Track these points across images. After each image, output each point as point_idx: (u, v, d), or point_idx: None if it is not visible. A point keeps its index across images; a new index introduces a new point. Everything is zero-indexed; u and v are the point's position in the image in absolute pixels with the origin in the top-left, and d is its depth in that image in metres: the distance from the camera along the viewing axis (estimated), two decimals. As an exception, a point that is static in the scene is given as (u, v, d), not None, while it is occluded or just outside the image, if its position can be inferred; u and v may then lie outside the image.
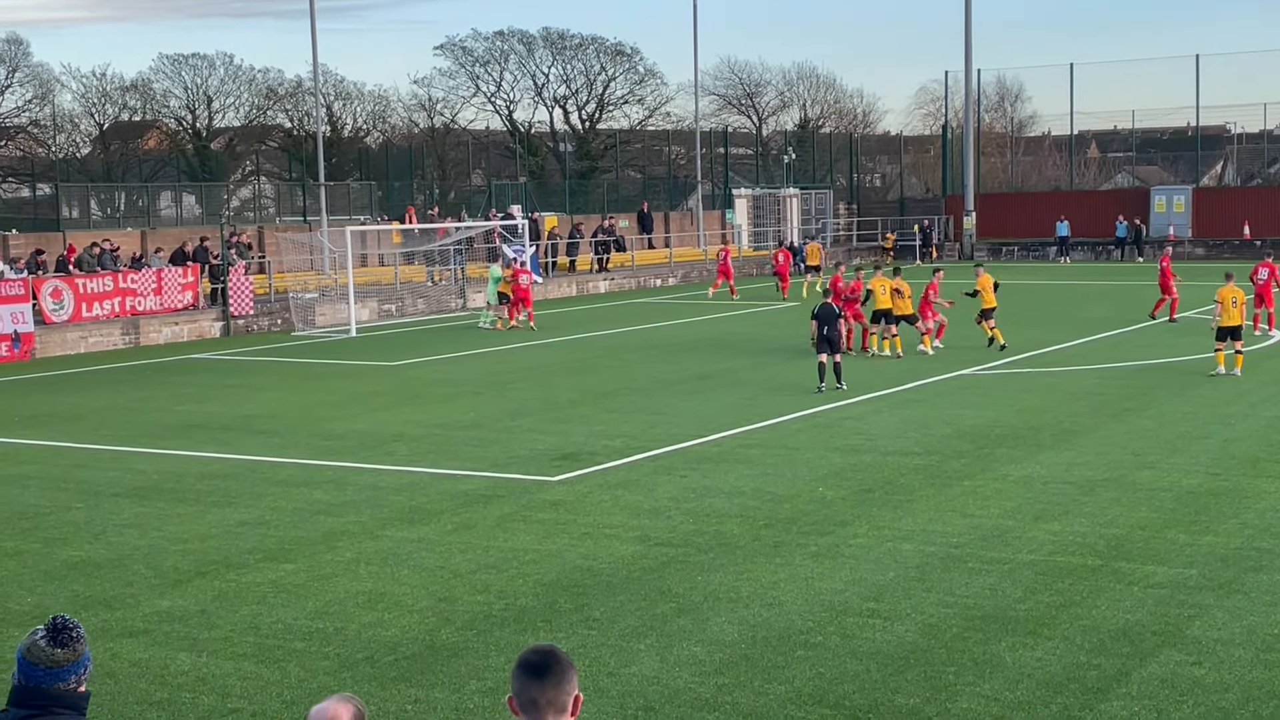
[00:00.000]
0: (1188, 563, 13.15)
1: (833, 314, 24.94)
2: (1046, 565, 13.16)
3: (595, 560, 13.71)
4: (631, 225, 58.57)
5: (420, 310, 44.27)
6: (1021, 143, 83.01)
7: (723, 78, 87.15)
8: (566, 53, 77.62)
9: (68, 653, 5.01)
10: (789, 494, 16.44)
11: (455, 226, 48.29)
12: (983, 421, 21.09)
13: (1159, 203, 65.04)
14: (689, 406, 23.37)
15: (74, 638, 5.03)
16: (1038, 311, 38.54)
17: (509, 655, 10.50)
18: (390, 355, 32.43)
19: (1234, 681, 10.12)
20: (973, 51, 65.81)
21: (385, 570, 13.56)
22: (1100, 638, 11.09)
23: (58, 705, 4.99)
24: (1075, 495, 16.03)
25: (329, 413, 23.70)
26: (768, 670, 10.56)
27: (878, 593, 12.43)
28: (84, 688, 5.09)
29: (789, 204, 67.12)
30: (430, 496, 16.77)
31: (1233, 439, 19.26)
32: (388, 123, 77.23)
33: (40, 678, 4.98)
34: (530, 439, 20.52)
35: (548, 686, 4.52)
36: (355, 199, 54.88)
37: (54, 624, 5.04)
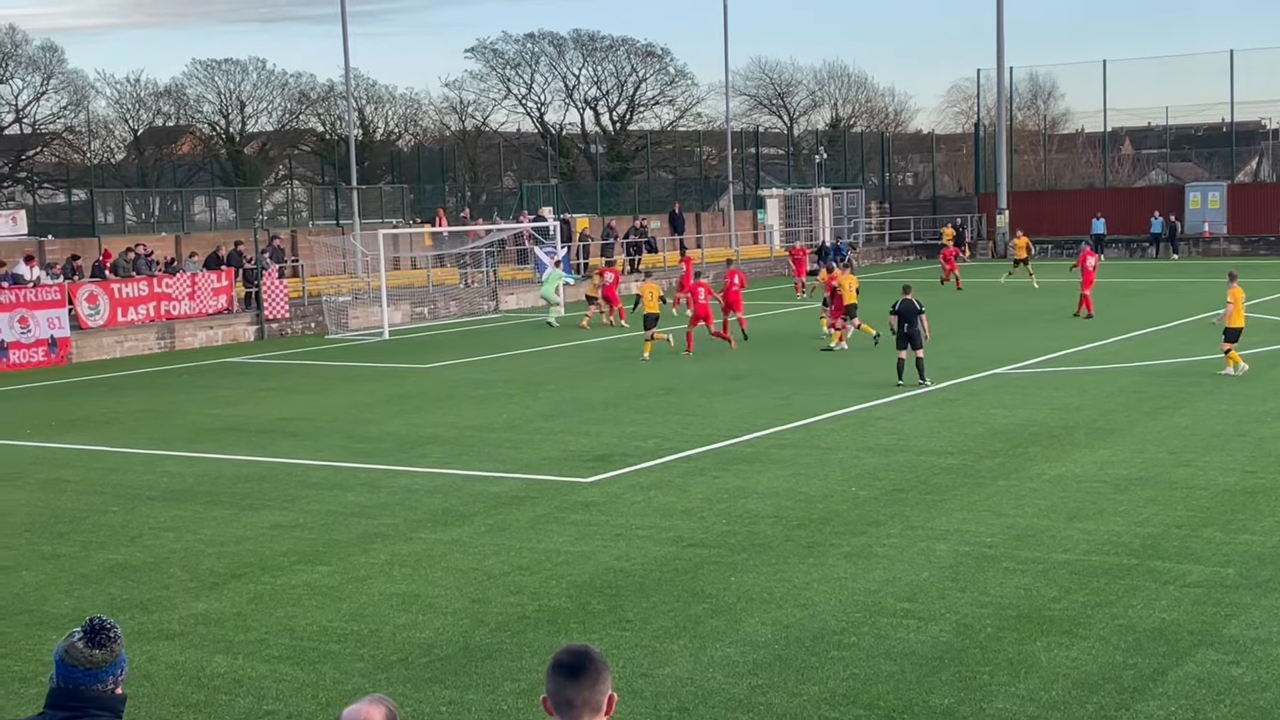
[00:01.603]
0: (1224, 561, 13.07)
1: (913, 310, 24.95)
2: (1081, 565, 13.10)
3: (628, 561, 13.72)
4: (663, 226, 58.56)
5: (453, 312, 44.37)
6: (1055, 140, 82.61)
7: (753, 78, 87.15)
8: (597, 54, 77.72)
9: (105, 654, 5.04)
10: (822, 494, 16.41)
11: (487, 229, 48.39)
12: (1016, 420, 21.00)
13: (1194, 199, 64.61)
14: (721, 406, 23.36)
15: (111, 639, 5.06)
16: (1073, 309, 38.30)
17: (543, 656, 10.52)
18: (423, 358, 32.52)
19: (1272, 680, 10.05)
20: (1004, 49, 65.51)
21: (419, 572, 13.61)
22: (1136, 637, 11.04)
23: (95, 707, 5.02)
24: (1110, 494, 15.95)
25: (363, 415, 23.78)
26: (801, 671, 10.55)
27: (912, 593, 12.40)
28: (121, 690, 5.13)
29: (821, 203, 66.97)
30: (463, 498, 16.82)
31: (1269, 436, 19.12)
32: (419, 126, 77.56)
33: (78, 679, 5.02)
34: (563, 440, 20.55)
35: (583, 687, 4.53)
36: (387, 202, 55.04)
37: (91, 625, 5.08)
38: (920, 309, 25.01)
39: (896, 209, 72.85)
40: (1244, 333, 25.31)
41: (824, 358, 29.75)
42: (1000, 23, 65.02)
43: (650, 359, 29.89)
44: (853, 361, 29.07)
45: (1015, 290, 45.48)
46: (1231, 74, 64.61)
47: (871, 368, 27.83)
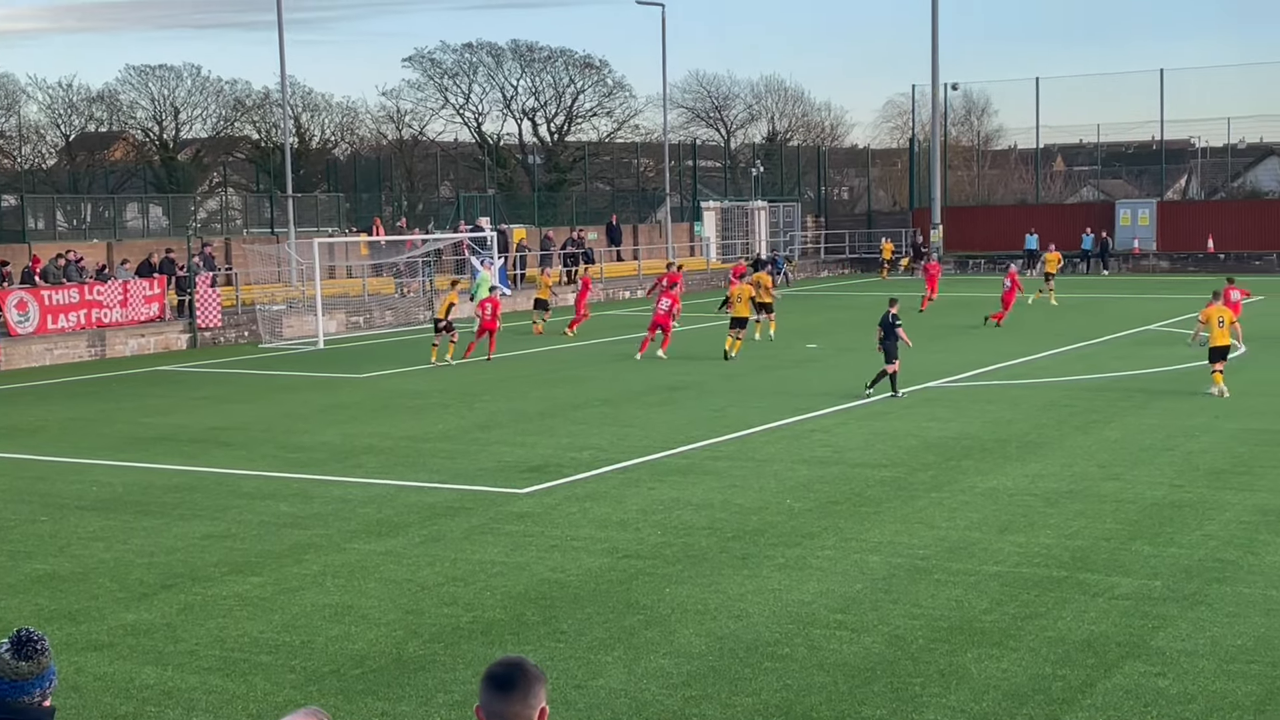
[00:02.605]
0: (1152, 574, 13.24)
1: (888, 323, 25.11)
2: (1012, 577, 13.23)
3: (563, 573, 13.71)
4: (600, 238, 58.61)
5: (388, 322, 44.18)
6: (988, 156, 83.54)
7: (691, 91, 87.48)
8: (535, 65, 77.71)
9: (32, 665, 4.98)
10: (757, 506, 16.47)
11: (423, 238, 48.23)
12: (949, 434, 21.18)
13: (1124, 216, 65.48)
14: (657, 418, 23.40)
15: (38, 650, 5.01)
16: (1005, 324, 38.71)
17: (476, 668, 10.49)
18: (358, 367, 32.35)
19: (1198, 692, 10.19)
20: (939, 65, 66.18)
21: (352, 583, 13.53)
22: (1065, 649, 11.16)
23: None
24: (1041, 507, 16.12)
25: (296, 425, 23.62)
26: (735, 682, 10.58)
27: (845, 604, 12.47)
28: (49, 702, 5.07)
29: (757, 216, 67.28)
30: (398, 509, 16.74)
31: (1197, 451, 19.40)
32: (356, 134, 77.20)
33: (4, 691, 4.96)
34: (499, 451, 20.51)
35: (513, 700, 4.52)
36: (323, 210, 54.74)
37: (18, 637, 5.01)
38: (896, 323, 25.14)
39: (832, 223, 73.31)
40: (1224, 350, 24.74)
41: (760, 370, 29.87)
42: (935, 40, 65.68)
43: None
44: (788, 374, 29.21)
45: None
46: (1161, 93, 65.61)
47: (807, 380, 27.99)
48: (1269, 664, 10.71)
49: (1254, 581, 12.91)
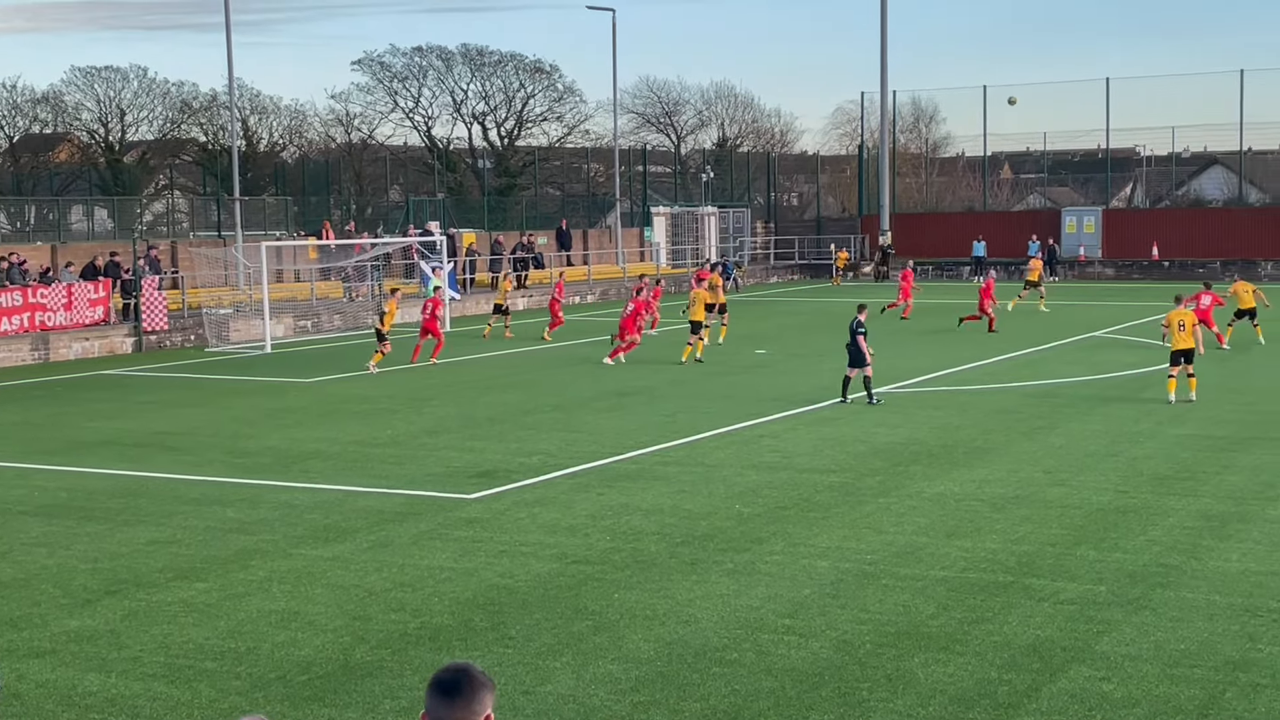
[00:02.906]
0: (1097, 579, 13.35)
1: (850, 330, 25.23)
2: (959, 582, 13.30)
3: (512, 578, 13.67)
4: (550, 242, 58.56)
5: (337, 326, 43.95)
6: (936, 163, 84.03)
7: (641, 96, 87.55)
8: (485, 69, 77.56)
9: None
10: (706, 511, 16.49)
11: (372, 242, 48.02)
12: (897, 439, 21.28)
13: (1070, 223, 66.03)
14: (607, 424, 23.39)
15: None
16: (953, 330, 38.97)
17: (424, 674, 10.44)
18: (306, 372, 32.16)
19: (1141, 697, 10.28)
20: (888, 73, 66.60)
21: (299, 589, 13.44)
22: (1011, 654, 11.23)
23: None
24: (987, 512, 16.22)
25: (243, 430, 23.46)
26: (683, 688, 10.58)
27: (793, 609, 12.50)
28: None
29: (707, 222, 67.42)
30: (345, 514, 16.65)
31: (1141, 457, 19.58)
32: (304, 137, 76.79)
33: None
34: (447, 456, 20.44)
35: (458, 706, 4.50)
36: (271, 214, 54.41)
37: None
38: (858, 330, 25.15)
39: (781, 229, 73.55)
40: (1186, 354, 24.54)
41: (710, 376, 29.92)
42: (884, 47, 66.07)
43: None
44: (737, 380, 29.27)
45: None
46: (1107, 101, 66.25)
47: (756, 386, 28.06)
48: (1212, 668, 10.82)
49: (1197, 586, 13.05)
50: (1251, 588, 12.95)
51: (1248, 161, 68.55)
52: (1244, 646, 11.29)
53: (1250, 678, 10.59)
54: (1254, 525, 15.40)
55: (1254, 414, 23.13)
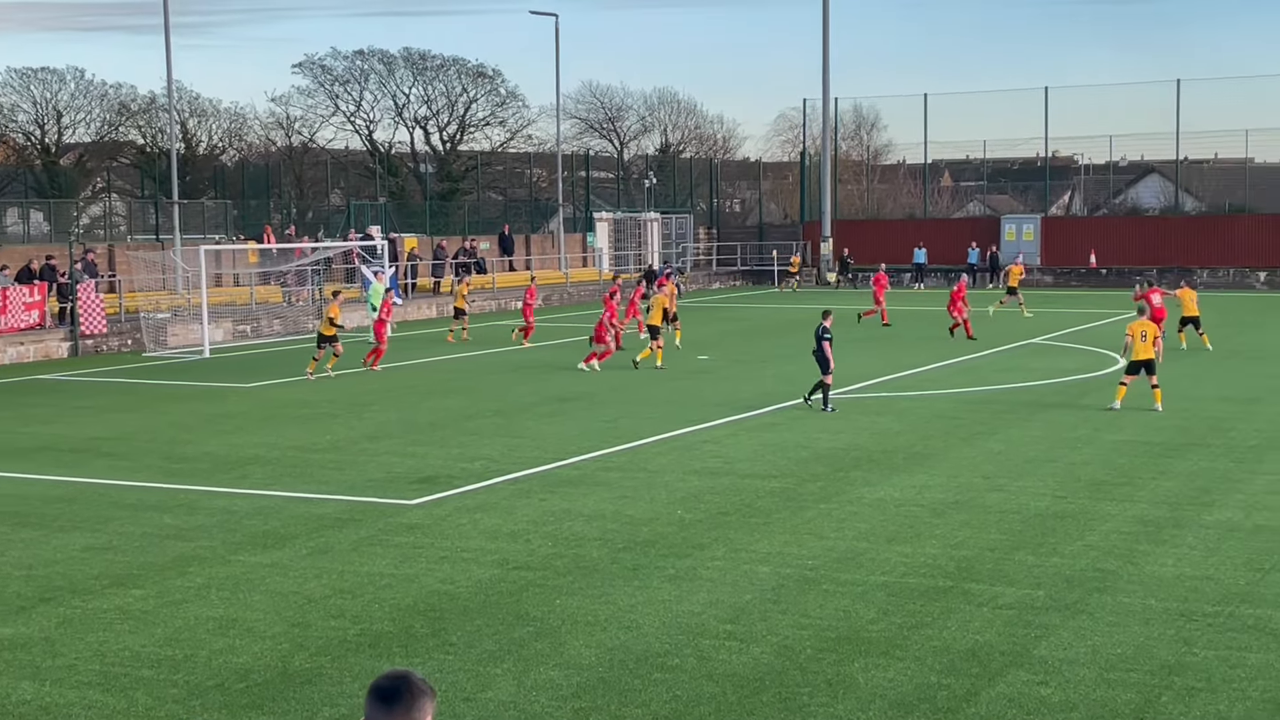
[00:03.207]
0: (1035, 584, 13.46)
1: (816, 336, 25.24)
2: (899, 587, 13.37)
3: (453, 584, 13.62)
4: (493, 247, 58.42)
5: (276, 331, 43.64)
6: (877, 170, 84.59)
7: (585, 102, 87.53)
8: (428, 74, 77.27)
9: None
10: (648, 517, 16.50)
11: (312, 246, 47.73)
12: (838, 445, 21.38)
13: (1009, 231, 66.61)
14: (549, 429, 23.36)
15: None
16: (893, 336, 39.20)
17: (364, 681, 10.38)
18: (245, 377, 31.92)
19: (1079, 700, 10.37)
20: (830, 80, 66.95)
21: (237, 596, 13.33)
22: (950, 658, 11.30)
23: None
24: (927, 518, 16.32)
25: (181, 435, 23.24)
26: (624, 694, 10.58)
27: (734, 615, 12.52)
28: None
29: (650, 228, 67.50)
30: (285, 520, 16.53)
31: (1079, 462, 19.76)
32: (244, 140, 76.19)
33: None
34: (388, 462, 20.34)
35: (398, 713, 4.47)
36: (210, 218, 53.96)
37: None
38: (824, 336, 25.18)
39: (724, 235, 73.77)
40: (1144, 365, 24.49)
41: (652, 382, 29.94)
42: (826, 54, 66.41)
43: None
44: (679, 385, 29.31)
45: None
46: (1046, 110, 66.86)
47: (698, 392, 28.10)
48: (1147, 672, 10.93)
49: (1133, 591, 13.18)
50: (1186, 592, 13.10)
51: (1184, 170, 69.41)
52: (1179, 650, 11.42)
53: (1185, 681, 10.71)
54: (1189, 530, 15.58)
55: (1190, 420, 23.41)
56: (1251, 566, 13.98)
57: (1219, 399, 25.73)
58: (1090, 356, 33.51)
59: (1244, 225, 62.84)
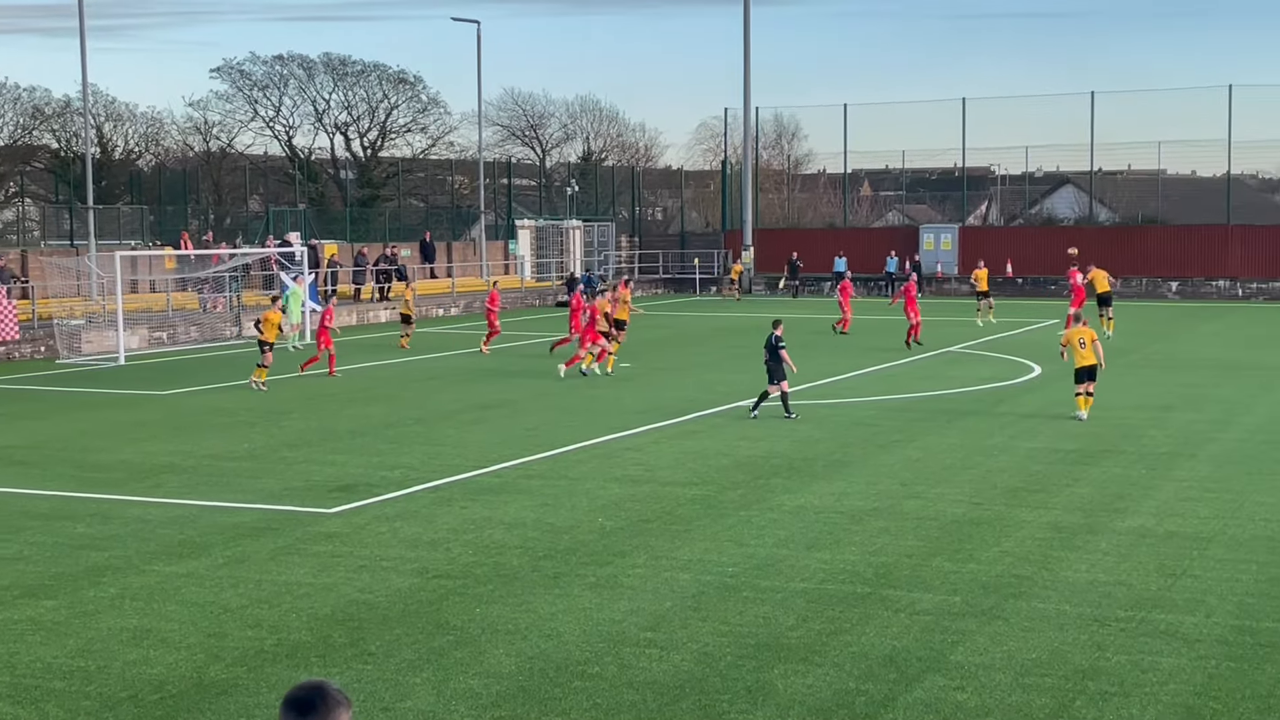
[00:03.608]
0: (952, 590, 13.59)
1: (771, 345, 25.28)
2: (818, 593, 13.45)
3: (372, 593, 13.53)
4: (414, 254, 58.14)
5: (193, 338, 43.14)
6: (798, 180, 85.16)
7: (507, 109, 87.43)
8: (348, 79, 76.84)
9: None
10: (569, 525, 16.48)
11: (230, 253, 47.26)
12: (759, 452, 21.47)
13: (927, 241, 67.26)
14: (470, 437, 23.27)
15: None
16: (814, 345, 39.42)
17: (280, 692, 10.27)
18: (160, 384, 31.52)
19: (994, 705, 10.48)
20: (751, 90, 67.30)
21: (152, 606, 13.16)
22: (869, 664, 11.38)
23: None
24: (846, 524, 16.43)
25: (94, 443, 22.91)
26: (545, 702, 10.55)
27: (655, 622, 12.54)
28: None
29: (572, 236, 67.49)
30: (200, 529, 16.34)
31: (995, 469, 19.98)
32: (161, 145, 75.36)
33: None
34: (307, 470, 20.17)
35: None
36: (126, 223, 53.27)
37: None
38: (779, 344, 25.26)
39: (646, 243, 73.88)
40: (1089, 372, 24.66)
41: (573, 389, 29.92)
42: (747, 64, 66.78)
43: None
44: (601, 393, 29.32)
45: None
46: (964, 121, 67.56)
47: (620, 399, 28.12)
48: (1062, 677, 11.07)
49: (1048, 596, 13.35)
50: (1100, 597, 13.29)
51: (1098, 181, 70.44)
52: (1093, 655, 11.58)
53: (1099, 686, 10.86)
54: (1102, 536, 15.80)
55: (1103, 428, 23.74)
56: (1163, 572, 14.21)
57: (1132, 407, 26.13)
58: (1006, 365, 33.90)
59: (1156, 236, 63.88)
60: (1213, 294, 61.79)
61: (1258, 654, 11.59)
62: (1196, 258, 62.46)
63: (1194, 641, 11.92)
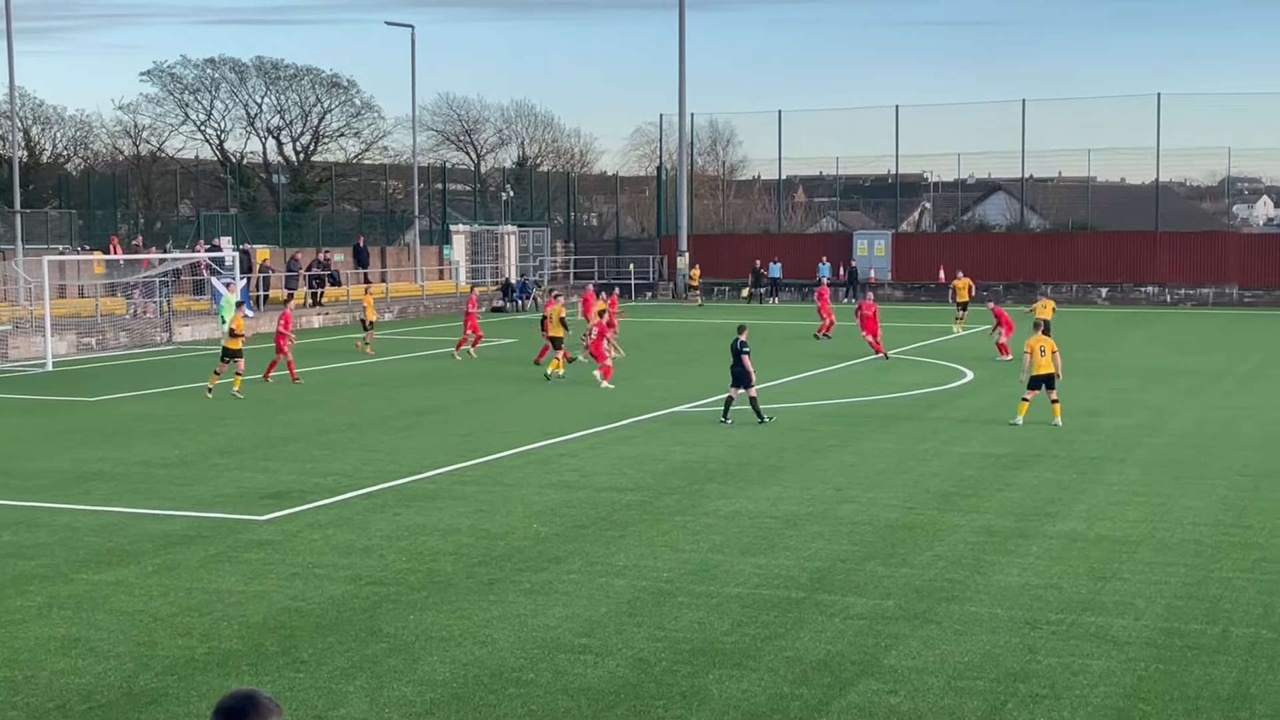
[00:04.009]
0: (885, 594, 13.67)
1: (734, 350, 25.33)
2: (753, 598, 13.48)
3: (304, 601, 13.42)
4: (347, 259, 57.79)
5: (123, 344, 42.65)
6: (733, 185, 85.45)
7: (441, 114, 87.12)
8: (280, 83, 76.28)
9: None
10: (504, 531, 16.43)
11: (160, 258, 46.78)
12: (694, 458, 21.51)
13: (861, 247, 67.68)
14: (404, 443, 23.15)
15: None
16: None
17: (211, 700, 10.16)
18: (89, 390, 31.14)
19: (927, 709, 10.54)
20: (686, 96, 67.45)
21: (80, 615, 12.98)
22: (803, 668, 11.42)
23: None
24: (781, 529, 16.48)
25: (21, 450, 22.59)
26: (479, 709, 10.51)
27: (590, 628, 12.52)
28: None
29: (507, 241, 67.33)
30: (130, 537, 16.15)
31: (928, 474, 20.12)
32: (90, 149, 74.51)
33: None
34: (238, 477, 19.99)
35: (242, 733, 4.40)
36: (54, 228, 52.58)
37: None
38: (743, 349, 25.29)
39: (581, 248, 73.87)
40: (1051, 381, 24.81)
41: (508, 395, 29.84)
42: (682, 70, 66.92)
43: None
44: (536, 399, 29.26)
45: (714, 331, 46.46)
46: (897, 128, 68.06)
47: (555, 405, 28.07)
48: (993, 679, 11.16)
49: (980, 600, 13.45)
50: (1031, 600, 13.41)
51: (1029, 188, 71.20)
52: (1024, 658, 11.68)
53: (1030, 688, 10.96)
54: (1033, 540, 15.95)
55: (1034, 433, 23.96)
56: (1093, 575, 14.36)
57: (1064, 412, 26.37)
58: (939, 370, 34.16)
59: (1086, 242, 64.62)
60: (1142, 300, 62.59)
61: (1186, 656, 11.74)
62: (1126, 264, 63.26)
63: (1123, 644, 12.05)
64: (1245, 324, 51.30)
